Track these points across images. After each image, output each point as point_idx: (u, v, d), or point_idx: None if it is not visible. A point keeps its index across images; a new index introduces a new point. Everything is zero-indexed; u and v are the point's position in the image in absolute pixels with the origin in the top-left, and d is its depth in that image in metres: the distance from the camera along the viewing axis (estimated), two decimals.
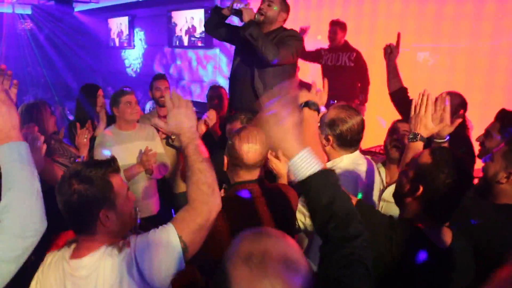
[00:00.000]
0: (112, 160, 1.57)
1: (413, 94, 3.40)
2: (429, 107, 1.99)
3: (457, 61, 5.37)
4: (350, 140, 2.17)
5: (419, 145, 1.99)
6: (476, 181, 3.12)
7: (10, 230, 1.33)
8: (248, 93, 3.26)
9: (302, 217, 2.06)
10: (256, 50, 3.03)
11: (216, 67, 8.50)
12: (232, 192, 1.93)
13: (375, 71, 5.43)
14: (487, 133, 2.64)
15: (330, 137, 2.13)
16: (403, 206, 1.64)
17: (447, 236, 1.59)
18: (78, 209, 1.47)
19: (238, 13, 3.13)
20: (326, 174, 1.25)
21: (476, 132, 3.65)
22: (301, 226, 2.09)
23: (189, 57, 9.26)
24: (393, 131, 2.67)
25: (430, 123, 2.00)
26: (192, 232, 1.51)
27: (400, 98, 3.26)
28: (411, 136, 2.02)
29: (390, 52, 3.23)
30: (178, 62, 9.49)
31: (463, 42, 5.27)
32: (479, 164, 2.95)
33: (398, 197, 1.67)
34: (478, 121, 3.99)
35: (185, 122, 1.59)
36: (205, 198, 1.53)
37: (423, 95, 2.02)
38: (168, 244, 1.48)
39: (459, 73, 5.31)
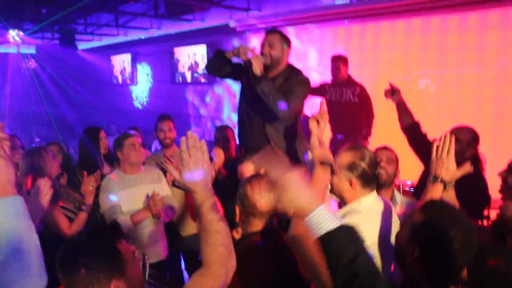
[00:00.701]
0: (116, 226, 1.50)
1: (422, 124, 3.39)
2: (451, 150, 1.93)
3: (463, 90, 5.36)
4: (371, 176, 2.11)
5: (439, 188, 1.94)
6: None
7: None
8: (260, 136, 3.20)
9: None
10: (267, 104, 2.99)
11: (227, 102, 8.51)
12: (246, 243, 1.86)
13: (379, 104, 5.42)
14: (509, 170, 2.56)
15: (354, 180, 2.06)
16: (405, 268, 1.54)
17: None
18: (87, 284, 1.35)
19: (248, 63, 3.04)
20: (347, 230, 1.20)
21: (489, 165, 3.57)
22: None
23: (195, 93, 9.29)
24: None
25: (452, 166, 1.94)
26: None
27: (413, 133, 3.24)
28: (432, 179, 1.97)
29: (393, 93, 3.24)
30: (186, 98, 9.52)
31: (468, 70, 5.27)
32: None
33: (398, 258, 1.58)
34: (487, 152, 3.93)
35: (201, 179, 1.49)
36: (223, 261, 1.43)
37: (445, 137, 1.96)
38: None
39: (466, 102, 5.29)
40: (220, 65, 3.34)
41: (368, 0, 5.78)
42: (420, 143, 3.13)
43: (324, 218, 1.19)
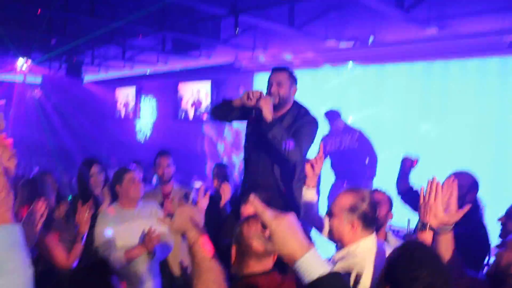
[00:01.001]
0: (106, 262, 1.49)
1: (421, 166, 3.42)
2: (439, 195, 1.90)
3: (463, 135, 5.38)
4: (372, 217, 2.09)
5: (428, 235, 1.89)
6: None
7: None
8: (267, 176, 3.16)
9: None
10: (278, 149, 2.95)
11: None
12: (241, 285, 1.81)
13: (380, 147, 5.44)
14: (509, 215, 2.54)
15: (355, 222, 2.04)
16: None
17: None
18: None
19: (258, 109, 3.00)
20: (337, 275, 1.19)
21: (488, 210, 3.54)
22: None
23: (197, 129, 9.30)
24: None
25: (440, 212, 1.89)
26: None
27: (408, 197, 3.35)
28: (419, 226, 1.93)
29: (411, 165, 3.36)
30: (188, 135, 9.54)
31: (468, 116, 5.31)
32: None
33: None
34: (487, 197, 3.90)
35: (191, 220, 1.52)
36: None
37: (432, 183, 1.94)
38: None
39: (466, 147, 5.30)
40: (227, 113, 3.30)
41: (371, 44, 5.89)
42: (413, 200, 3.18)
43: (314, 263, 1.18)
